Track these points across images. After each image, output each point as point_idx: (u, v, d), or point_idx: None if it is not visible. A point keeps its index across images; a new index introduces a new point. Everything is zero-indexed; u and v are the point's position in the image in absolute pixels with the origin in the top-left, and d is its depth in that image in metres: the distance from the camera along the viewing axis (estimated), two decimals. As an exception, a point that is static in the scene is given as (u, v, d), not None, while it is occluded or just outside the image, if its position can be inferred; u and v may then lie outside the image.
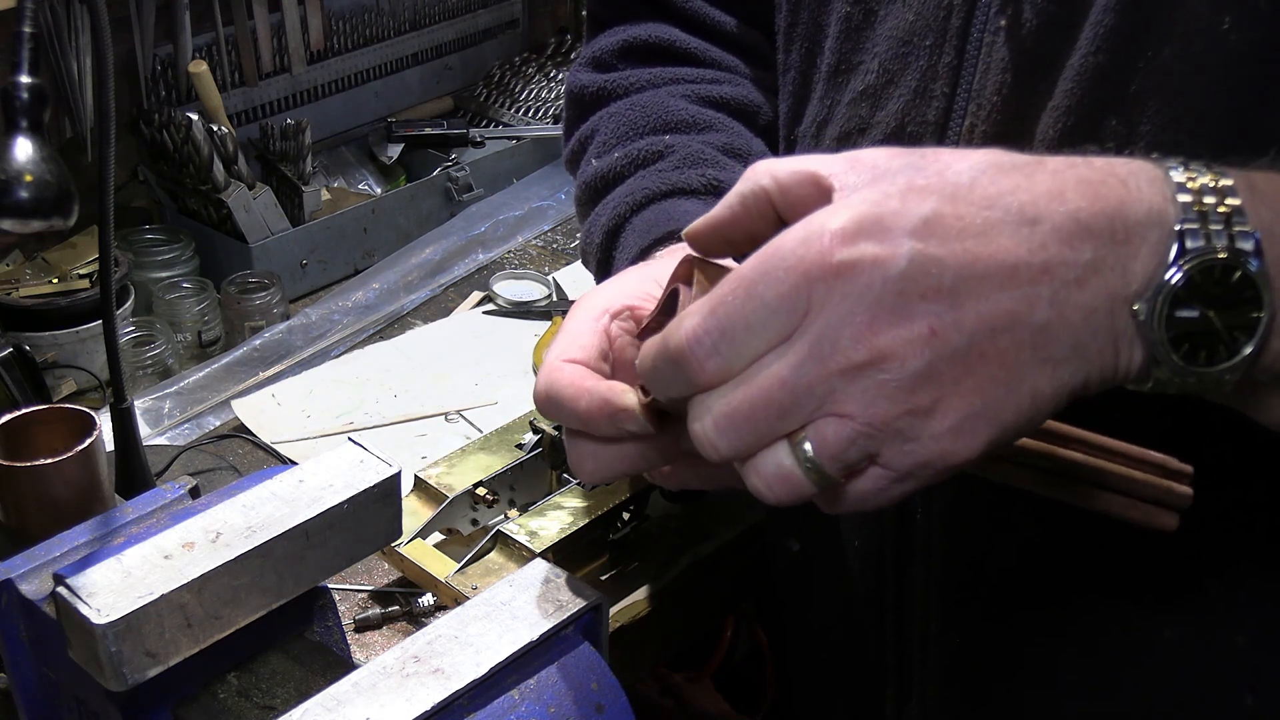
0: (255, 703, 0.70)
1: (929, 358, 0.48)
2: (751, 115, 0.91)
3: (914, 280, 0.48)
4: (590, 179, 0.90)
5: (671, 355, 0.51)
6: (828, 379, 0.48)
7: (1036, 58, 0.66)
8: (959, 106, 0.69)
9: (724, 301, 0.50)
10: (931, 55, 0.70)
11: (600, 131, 0.91)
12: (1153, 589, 0.72)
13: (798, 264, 0.49)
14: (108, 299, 0.98)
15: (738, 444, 0.50)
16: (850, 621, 0.86)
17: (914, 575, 0.79)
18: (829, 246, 0.48)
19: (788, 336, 0.49)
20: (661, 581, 1.05)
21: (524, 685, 0.63)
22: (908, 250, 0.48)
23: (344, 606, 1.05)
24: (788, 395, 0.49)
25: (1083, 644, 0.75)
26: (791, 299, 0.49)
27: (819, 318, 0.48)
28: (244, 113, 1.71)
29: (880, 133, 0.73)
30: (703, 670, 1.46)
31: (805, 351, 0.48)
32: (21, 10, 0.81)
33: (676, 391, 0.52)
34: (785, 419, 0.49)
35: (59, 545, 0.70)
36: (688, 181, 0.84)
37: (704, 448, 0.51)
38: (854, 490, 0.51)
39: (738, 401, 0.50)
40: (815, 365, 0.48)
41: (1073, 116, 0.64)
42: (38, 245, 1.45)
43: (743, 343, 0.49)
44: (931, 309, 0.48)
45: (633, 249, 0.82)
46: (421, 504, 1.06)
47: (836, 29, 0.75)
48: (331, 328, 1.52)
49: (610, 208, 0.86)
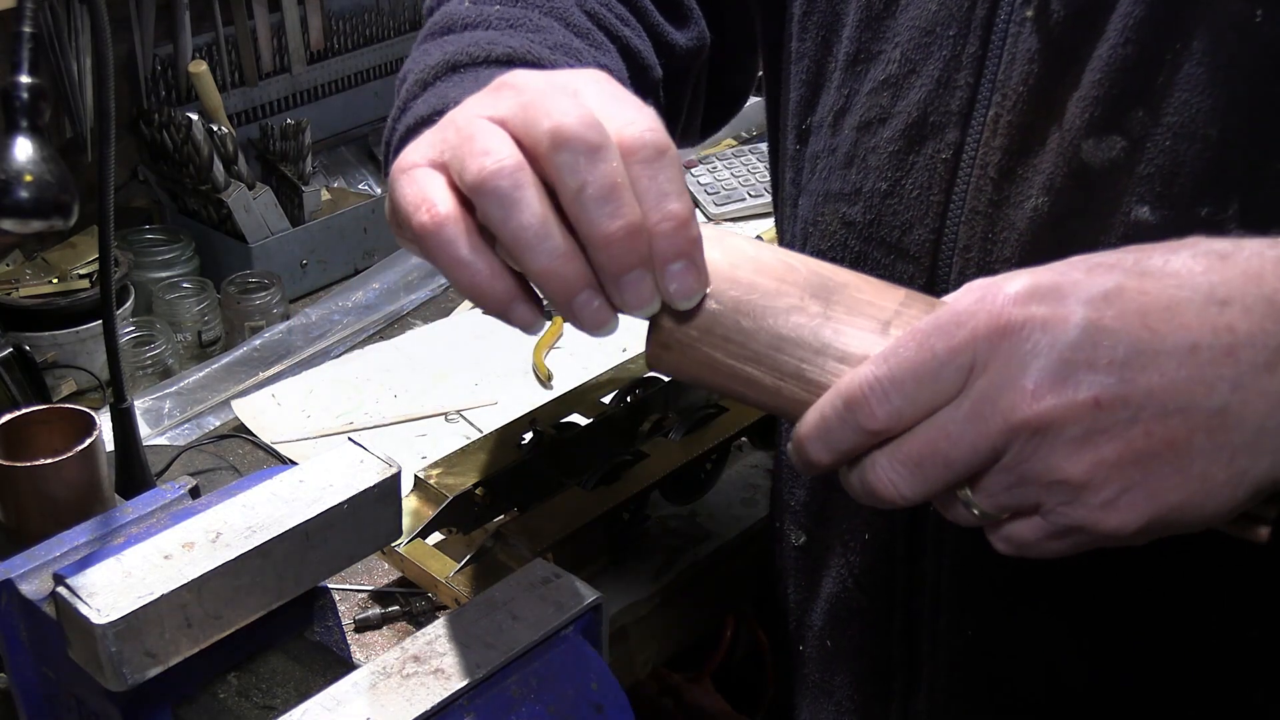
0: (255, 703, 0.70)
1: (1088, 428, 0.48)
2: (643, 68, 0.86)
3: (1083, 348, 0.48)
4: (456, 14, 0.81)
5: (844, 397, 0.52)
6: (990, 437, 0.49)
7: (1064, 48, 0.66)
8: (983, 96, 0.69)
9: (897, 352, 0.51)
10: (955, 45, 0.70)
11: None
12: (1163, 583, 0.72)
13: (969, 320, 0.50)
14: (108, 299, 0.98)
15: (916, 487, 0.52)
16: (857, 615, 0.86)
17: (925, 568, 0.79)
18: (1001, 306, 0.49)
19: (959, 391, 0.50)
20: (661, 581, 1.05)
21: (524, 685, 0.63)
22: (1080, 318, 0.48)
23: (344, 606, 1.05)
24: (952, 448, 0.50)
25: (1092, 638, 0.75)
26: (960, 354, 0.50)
27: (984, 375, 0.49)
28: (244, 113, 1.70)
29: (901, 122, 0.73)
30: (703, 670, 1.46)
31: (968, 409, 0.50)
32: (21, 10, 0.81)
33: (845, 440, 0.53)
34: (952, 469, 0.51)
35: (59, 545, 0.70)
36: (555, 62, 0.77)
37: (885, 490, 0.52)
38: (1012, 533, 0.52)
39: (908, 449, 0.51)
40: (977, 424, 0.49)
41: (1099, 106, 0.64)
42: (38, 245, 1.44)
43: (913, 393, 0.50)
44: (1098, 379, 0.48)
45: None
46: (421, 504, 1.05)
47: (856, 17, 0.75)
48: (331, 328, 1.52)
49: (464, 46, 0.77)
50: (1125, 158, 0.64)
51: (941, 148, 0.71)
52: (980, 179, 0.69)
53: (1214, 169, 0.62)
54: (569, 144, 0.51)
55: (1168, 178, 0.63)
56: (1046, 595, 0.76)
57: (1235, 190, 0.62)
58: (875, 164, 0.75)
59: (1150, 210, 0.63)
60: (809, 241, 0.80)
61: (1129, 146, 0.64)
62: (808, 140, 0.81)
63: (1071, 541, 0.51)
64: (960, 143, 0.70)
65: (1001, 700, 0.80)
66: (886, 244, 0.75)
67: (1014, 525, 0.52)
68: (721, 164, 1.82)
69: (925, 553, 0.79)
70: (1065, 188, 0.66)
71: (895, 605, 0.82)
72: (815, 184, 0.80)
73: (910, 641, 0.83)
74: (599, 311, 0.54)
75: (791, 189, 0.84)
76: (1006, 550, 0.54)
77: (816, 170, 0.80)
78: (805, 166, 0.81)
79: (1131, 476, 0.48)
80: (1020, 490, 0.50)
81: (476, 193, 0.53)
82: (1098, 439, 0.48)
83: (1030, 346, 0.48)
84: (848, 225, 0.77)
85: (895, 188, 0.74)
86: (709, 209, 1.75)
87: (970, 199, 0.70)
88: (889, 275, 0.75)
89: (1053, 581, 0.75)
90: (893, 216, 0.74)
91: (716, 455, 1.13)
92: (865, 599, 0.85)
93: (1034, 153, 0.67)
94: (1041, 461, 0.49)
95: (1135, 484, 0.48)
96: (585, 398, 1.18)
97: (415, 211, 0.54)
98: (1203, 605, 0.72)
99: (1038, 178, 0.67)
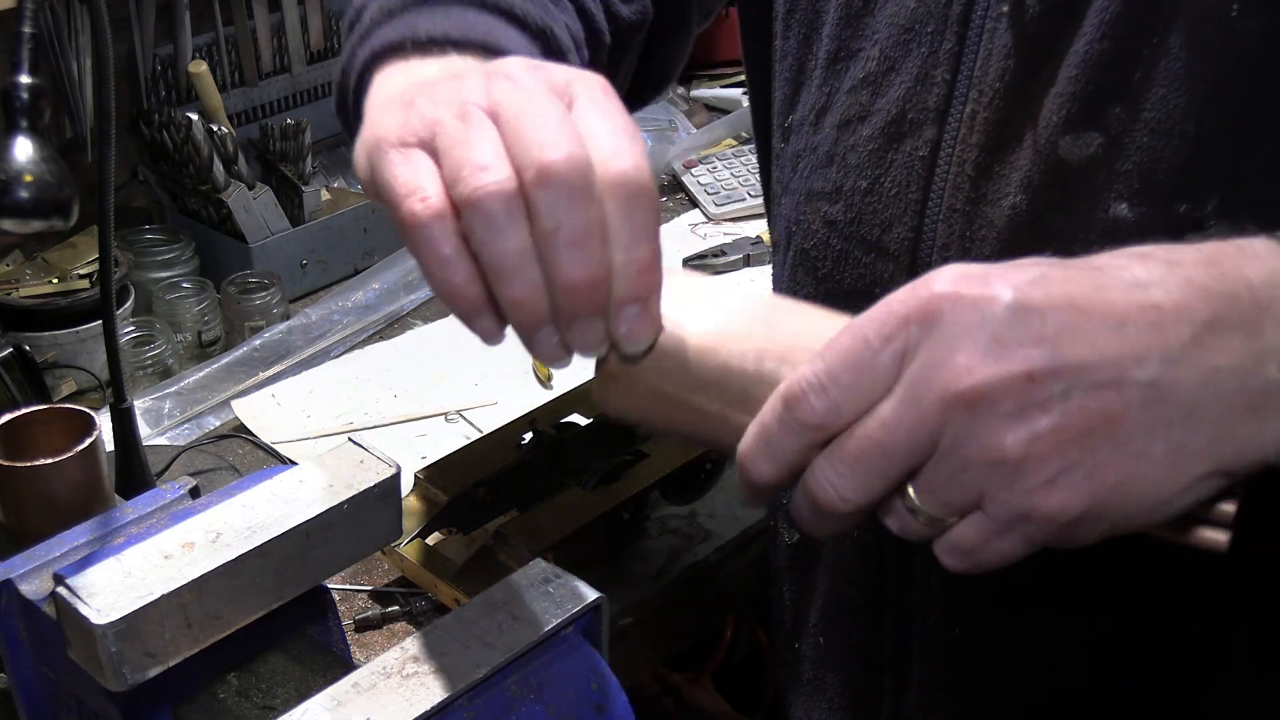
0: (255, 703, 0.70)
1: (1022, 402, 0.47)
2: (596, 32, 0.84)
3: (1012, 325, 0.48)
4: None
5: (783, 397, 0.51)
6: (926, 418, 0.49)
7: (1039, 44, 0.65)
8: (960, 93, 0.69)
9: (832, 346, 0.51)
10: (933, 41, 0.70)
11: None
12: (1155, 583, 0.72)
13: (899, 307, 0.50)
14: (108, 299, 0.98)
15: (857, 487, 0.51)
16: (849, 612, 0.86)
17: (914, 566, 0.79)
18: (930, 291, 0.49)
19: (894, 381, 0.50)
20: (661, 581, 1.05)
21: (524, 686, 0.63)
22: (1009, 298, 0.48)
23: (344, 606, 1.05)
24: (889, 435, 0.49)
25: (1083, 634, 0.75)
26: (892, 339, 0.49)
27: (916, 358, 0.49)
28: (244, 113, 1.70)
29: (881, 120, 0.73)
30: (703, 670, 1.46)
31: (902, 392, 0.49)
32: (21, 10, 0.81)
33: (786, 444, 0.52)
34: (891, 461, 0.50)
35: (59, 545, 0.70)
36: (526, 14, 0.75)
37: (826, 494, 0.51)
38: (958, 538, 0.51)
39: (846, 445, 0.50)
40: (911, 406, 0.49)
41: (1076, 103, 0.64)
42: (38, 245, 1.44)
43: (850, 384, 0.50)
44: (1030, 353, 0.47)
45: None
46: (421, 504, 1.06)
47: (836, 15, 0.75)
48: (331, 328, 1.52)
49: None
50: (1103, 154, 0.64)
51: (919, 145, 0.71)
52: (958, 176, 0.69)
53: (1192, 165, 0.62)
54: (552, 183, 0.51)
55: (1146, 174, 0.63)
56: (1035, 593, 0.76)
57: (1214, 186, 0.62)
58: (855, 162, 0.75)
59: (1129, 207, 0.63)
60: (793, 241, 0.80)
61: (1107, 143, 0.64)
62: (789, 139, 0.81)
63: (1018, 536, 0.50)
64: (938, 140, 0.70)
65: (992, 698, 0.80)
66: (867, 242, 0.75)
67: (958, 529, 0.51)
68: (721, 164, 1.82)
69: (915, 551, 0.79)
70: (1043, 185, 0.66)
71: (885, 603, 0.82)
72: (798, 183, 0.80)
73: (901, 639, 0.83)
74: (556, 348, 0.54)
75: (777, 188, 0.84)
76: (955, 564, 0.52)
77: (799, 169, 0.80)
78: (788, 165, 0.81)
79: (1069, 454, 0.48)
80: (961, 479, 0.49)
81: (468, 206, 0.52)
82: (1033, 413, 0.47)
83: (960, 327, 0.48)
84: (829, 224, 0.77)
85: (875, 186, 0.73)
86: (709, 209, 1.75)
87: (948, 197, 0.70)
88: (870, 274, 0.75)
89: (1042, 580, 0.75)
90: (873, 215, 0.74)
91: (716, 455, 1.13)
92: (856, 597, 0.85)
93: (1011, 150, 0.67)
94: (977, 441, 0.48)
95: (1074, 463, 0.48)
96: (585, 398, 1.18)
97: (407, 197, 0.54)
98: (1191, 606, 0.72)
99: (1015, 175, 0.67)
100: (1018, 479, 0.48)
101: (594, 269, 0.52)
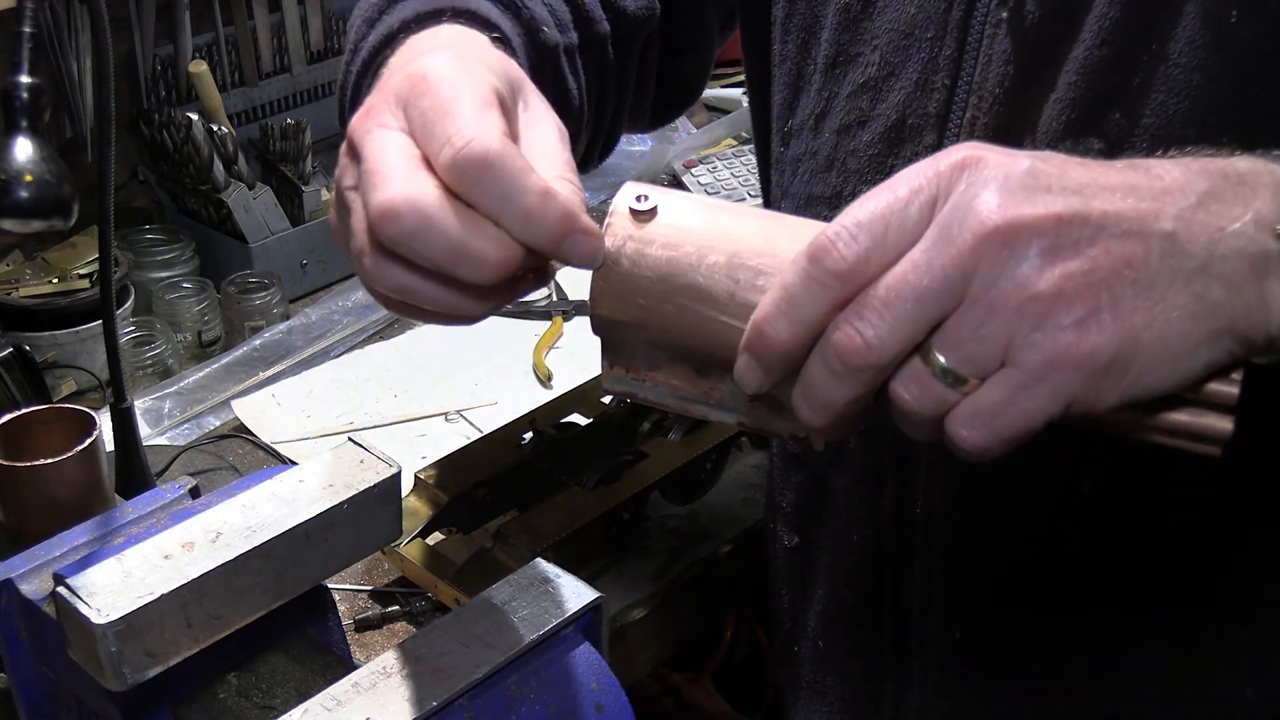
0: (255, 703, 0.70)
1: (1054, 241, 0.49)
2: (587, 20, 0.86)
3: (1039, 176, 0.50)
4: None
5: (809, 254, 0.51)
6: (959, 257, 0.49)
7: (1039, 50, 0.66)
8: (960, 99, 0.69)
9: (861, 203, 0.52)
10: (933, 47, 0.70)
11: None
12: (1153, 582, 0.72)
13: (929, 165, 0.51)
14: (108, 299, 0.98)
15: (884, 333, 0.50)
16: (848, 615, 0.86)
17: (913, 569, 0.79)
18: (958, 154, 0.51)
19: (924, 230, 0.50)
20: (661, 581, 1.05)
21: (524, 685, 0.63)
22: (1029, 161, 0.51)
23: (344, 606, 1.05)
24: (921, 277, 0.49)
25: (1082, 636, 0.75)
26: (923, 190, 0.51)
27: (949, 202, 0.50)
28: (244, 113, 1.70)
29: (881, 125, 0.73)
30: (703, 670, 1.46)
31: (935, 234, 0.50)
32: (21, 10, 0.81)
33: (810, 301, 0.51)
34: (922, 304, 0.49)
35: (59, 545, 0.70)
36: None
37: (853, 343, 0.50)
38: (981, 401, 0.50)
39: (878, 290, 0.50)
40: (945, 246, 0.49)
41: (1075, 109, 0.64)
42: (38, 245, 1.44)
43: (880, 234, 0.51)
44: (1058, 199, 0.49)
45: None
46: (421, 504, 1.06)
47: (834, 20, 0.75)
48: (331, 328, 1.52)
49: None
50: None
51: (920, 150, 0.71)
52: None
53: None
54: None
55: None
56: (1035, 594, 0.76)
57: None
58: (855, 167, 0.75)
59: None
60: None
61: (1106, 149, 0.64)
62: (790, 144, 0.81)
63: (1044, 391, 0.49)
64: (938, 145, 0.70)
65: (992, 700, 0.80)
66: None
67: (981, 391, 0.50)
68: (721, 164, 1.82)
69: (913, 553, 0.79)
70: None
71: (885, 606, 0.83)
72: (797, 187, 0.80)
73: (900, 642, 0.83)
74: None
75: (777, 193, 0.84)
76: (975, 436, 0.50)
77: (799, 174, 0.80)
78: (788, 170, 0.81)
79: (1099, 296, 0.49)
80: (990, 325, 0.49)
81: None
82: (1064, 253, 0.49)
83: (991, 173, 0.50)
84: None
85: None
86: (709, 209, 1.75)
87: None
88: None
89: (1040, 581, 0.75)
90: None
91: (716, 455, 1.13)
92: (855, 599, 0.85)
93: None
94: (1009, 279, 0.49)
95: (1102, 305, 0.49)
96: (585, 398, 1.18)
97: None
98: (1192, 604, 0.72)
99: None
100: (1050, 318, 0.49)
101: (503, 252, 0.55)
